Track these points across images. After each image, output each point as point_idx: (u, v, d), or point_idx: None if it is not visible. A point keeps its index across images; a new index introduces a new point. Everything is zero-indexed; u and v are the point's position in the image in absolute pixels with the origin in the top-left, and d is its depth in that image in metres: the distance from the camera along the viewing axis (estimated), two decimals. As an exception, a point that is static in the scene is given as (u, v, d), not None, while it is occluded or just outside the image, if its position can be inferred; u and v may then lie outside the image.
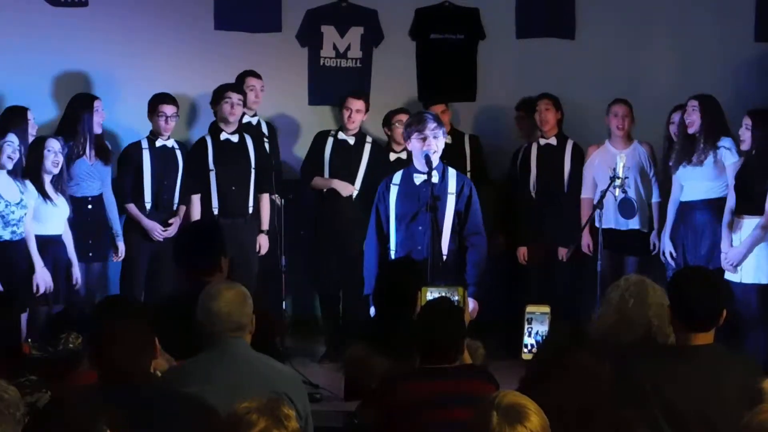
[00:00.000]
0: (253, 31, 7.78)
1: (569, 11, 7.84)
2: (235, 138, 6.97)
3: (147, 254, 6.89)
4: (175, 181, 6.97)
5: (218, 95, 6.91)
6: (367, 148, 7.20)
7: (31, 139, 6.42)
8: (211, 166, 6.93)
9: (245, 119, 7.24)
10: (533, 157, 7.20)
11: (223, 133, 6.95)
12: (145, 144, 6.93)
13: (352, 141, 7.18)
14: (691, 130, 6.51)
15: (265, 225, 7.08)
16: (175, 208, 6.99)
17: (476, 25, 7.88)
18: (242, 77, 7.22)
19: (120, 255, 6.84)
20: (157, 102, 6.88)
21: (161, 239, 6.83)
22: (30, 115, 6.53)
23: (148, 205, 6.89)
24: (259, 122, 7.33)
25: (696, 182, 6.52)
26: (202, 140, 7.01)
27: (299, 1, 7.81)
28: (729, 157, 6.40)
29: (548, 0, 7.91)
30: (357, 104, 7.11)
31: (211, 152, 6.93)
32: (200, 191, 6.94)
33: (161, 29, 7.66)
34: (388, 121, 7.32)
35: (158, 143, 6.92)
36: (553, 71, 7.64)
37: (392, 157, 7.20)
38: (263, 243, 7.05)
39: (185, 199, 6.98)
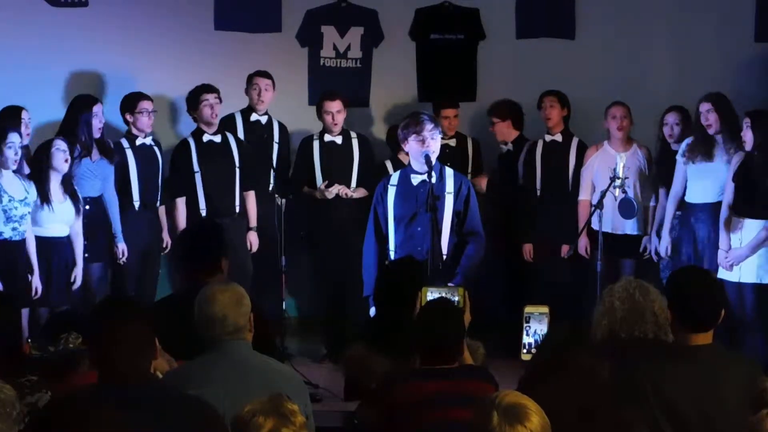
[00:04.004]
0: (253, 31, 7.78)
1: (569, 11, 7.84)
2: (217, 138, 6.99)
3: (136, 255, 6.90)
4: (157, 179, 7.01)
5: (195, 100, 6.93)
6: (355, 144, 7.20)
7: (26, 139, 6.42)
8: (196, 168, 6.94)
9: (253, 117, 7.24)
10: (538, 155, 7.19)
11: (206, 134, 6.96)
12: (125, 143, 6.95)
13: (339, 141, 7.16)
14: (711, 131, 6.48)
15: (253, 222, 7.08)
16: (158, 204, 7.03)
17: (476, 25, 7.88)
18: (250, 77, 7.22)
19: (122, 256, 6.81)
20: (136, 100, 6.91)
21: (122, 262, 6.81)
22: (24, 115, 6.52)
23: (136, 204, 6.92)
24: (270, 121, 7.31)
25: (714, 181, 6.46)
26: (185, 142, 7.02)
27: (299, 1, 7.81)
28: (733, 161, 6.38)
29: (548, 0, 7.91)
30: (336, 105, 7.08)
31: (194, 154, 6.94)
32: (185, 194, 6.96)
33: (161, 29, 7.66)
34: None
35: (138, 142, 6.95)
36: (553, 71, 7.63)
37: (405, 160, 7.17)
38: (253, 241, 7.07)
39: (167, 201, 7.01)
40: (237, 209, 7.01)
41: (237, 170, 7.01)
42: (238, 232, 6.96)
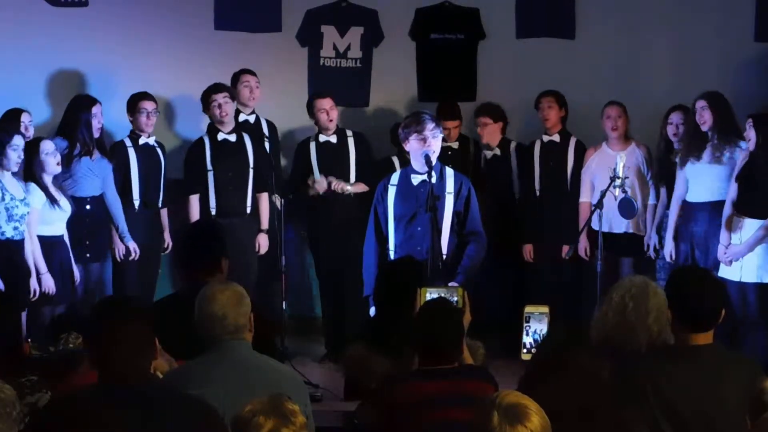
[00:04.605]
0: (253, 31, 7.78)
1: (569, 11, 7.83)
2: (232, 137, 6.99)
3: (138, 254, 6.91)
4: (159, 179, 7.03)
5: (205, 101, 6.96)
6: (351, 142, 7.19)
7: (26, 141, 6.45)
8: (209, 166, 6.94)
9: (242, 117, 7.25)
10: (536, 155, 7.19)
11: (221, 133, 6.97)
12: (128, 143, 6.99)
13: (334, 140, 7.15)
14: (704, 128, 6.49)
15: (265, 224, 7.08)
16: (160, 205, 7.05)
17: (476, 25, 7.87)
18: (237, 75, 7.23)
19: (133, 254, 6.81)
20: (137, 99, 6.96)
21: (133, 256, 6.84)
22: (25, 118, 6.54)
23: (136, 203, 6.96)
24: (258, 120, 7.33)
25: (707, 180, 6.47)
26: (200, 140, 7.04)
27: (299, 1, 7.81)
28: (739, 159, 6.40)
29: (548, 0, 7.91)
30: (327, 103, 7.07)
31: (208, 152, 6.95)
32: (199, 191, 6.96)
33: (161, 29, 7.66)
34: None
35: (141, 141, 6.98)
36: (553, 71, 7.62)
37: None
38: (263, 243, 7.06)
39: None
40: (248, 210, 7.00)
41: (250, 170, 7.00)
42: (247, 233, 6.97)
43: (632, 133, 7.05)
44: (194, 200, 6.98)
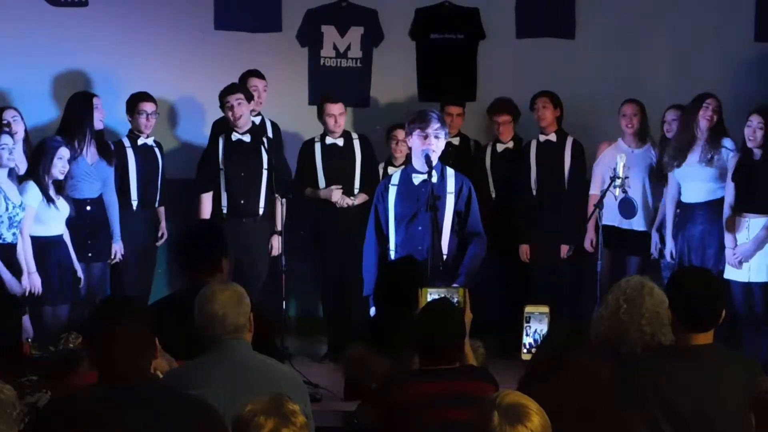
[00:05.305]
0: (253, 31, 7.78)
1: (569, 11, 7.83)
2: (247, 138, 6.95)
3: (134, 254, 6.95)
4: (157, 179, 7.04)
5: (220, 103, 6.93)
6: (357, 145, 7.19)
7: (17, 136, 6.41)
8: (221, 165, 6.94)
9: None
10: (533, 155, 7.18)
11: (235, 133, 6.95)
12: (127, 143, 7.01)
13: (341, 143, 7.15)
14: (704, 126, 6.50)
15: (279, 226, 7.04)
16: (156, 205, 7.07)
17: (476, 24, 7.88)
18: (245, 77, 7.22)
19: (114, 257, 6.83)
20: (137, 100, 6.96)
21: (116, 262, 6.84)
22: (7, 114, 6.49)
23: (134, 203, 6.98)
24: (263, 122, 7.32)
25: (698, 183, 6.52)
26: (216, 140, 7.02)
27: (299, 1, 7.81)
28: (731, 160, 6.42)
29: (548, 0, 7.91)
30: (338, 108, 7.07)
31: (221, 152, 6.94)
32: (210, 190, 6.96)
33: (161, 29, 7.67)
34: (388, 135, 7.30)
35: (140, 141, 7.00)
36: (553, 71, 7.63)
37: (391, 171, 7.15)
38: (275, 244, 7.02)
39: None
40: (261, 211, 6.97)
41: (264, 172, 6.96)
42: (258, 234, 6.96)
43: (646, 134, 7.04)
44: (205, 199, 6.96)
